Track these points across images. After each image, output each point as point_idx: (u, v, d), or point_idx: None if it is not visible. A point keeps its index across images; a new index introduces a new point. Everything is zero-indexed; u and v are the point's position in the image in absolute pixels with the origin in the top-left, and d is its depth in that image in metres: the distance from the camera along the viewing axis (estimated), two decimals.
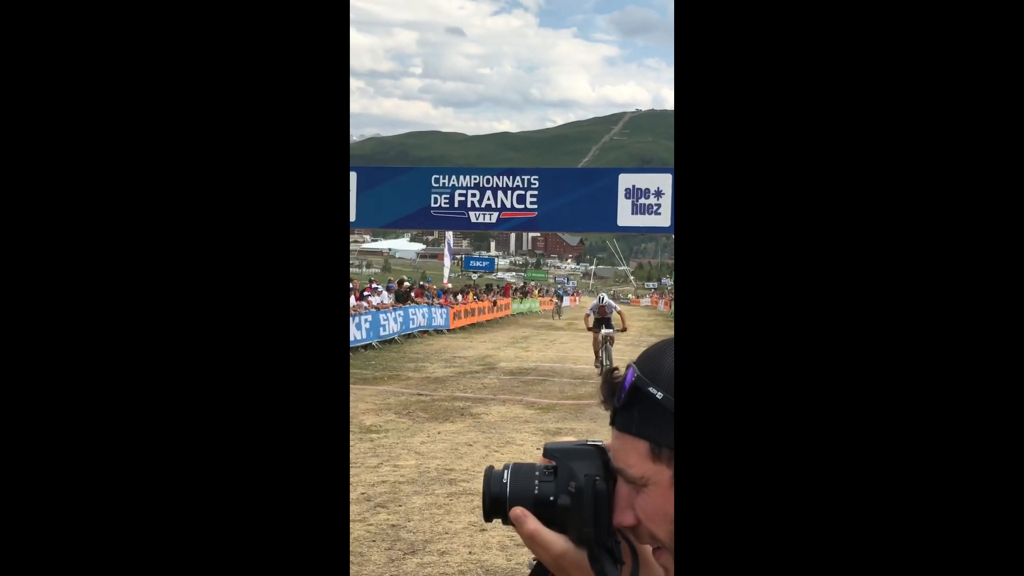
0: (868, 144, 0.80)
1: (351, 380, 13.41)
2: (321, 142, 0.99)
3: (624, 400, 0.88)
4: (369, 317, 19.28)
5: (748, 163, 0.82)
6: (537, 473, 0.93)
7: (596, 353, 15.33)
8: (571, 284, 79.94)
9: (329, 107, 0.99)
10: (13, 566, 0.88)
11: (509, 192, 11.94)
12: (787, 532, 0.76)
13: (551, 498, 0.92)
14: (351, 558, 5.15)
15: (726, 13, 0.83)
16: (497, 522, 0.95)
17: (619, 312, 15.18)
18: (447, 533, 5.76)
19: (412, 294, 25.44)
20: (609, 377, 0.92)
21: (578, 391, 13.54)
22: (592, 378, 14.71)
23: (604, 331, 14.92)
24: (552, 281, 70.95)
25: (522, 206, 11.91)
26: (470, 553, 5.37)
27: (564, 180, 12.29)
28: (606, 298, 15.56)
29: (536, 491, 0.92)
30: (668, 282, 75.60)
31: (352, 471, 7.38)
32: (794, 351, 0.78)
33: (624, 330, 15.09)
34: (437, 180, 12.25)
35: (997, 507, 0.74)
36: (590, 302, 23.30)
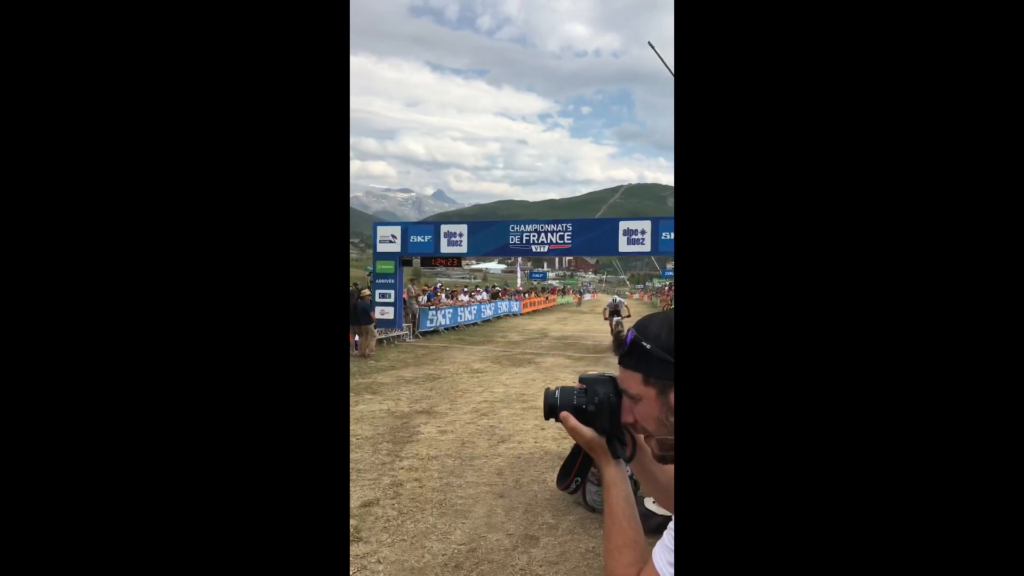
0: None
1: (467, 344, 13.48)
2: (325, 155, 0.68)
3: (627, 349, 0.87)
4: (475, 307, 19.47)
5: (725, 196, 0.62)
6: (575, 392, 0.92)
7: (611, 330, 14.99)
8: (591, 287, 79.41)
9: (332, 118, 0.68)
10: (13, 566, 0.58)
11: (554, 233, 11.87)
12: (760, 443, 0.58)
13: (584, 407, 0.90)
14: (467, 448, 5.18)
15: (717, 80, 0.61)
16: (552, 421, 0.94)
17: (625, 306, 14.90)
18: (522, 430, 5.73)
19: (499, 294, 25.50)
20: (618, 337, 0.91)
21: (598, 349, 13.26)
22: (605, 342, 14.43)
23: (616, 319, 14.66)
24: (579, 285, 70.18)
25: (562, 241, 11.83)
26: (536, 442, 5.33)
27: (586, 225, 12.13)
28: (618, 299, 15.24)
29: (575, 402, 0.91)
30: (649, 284, 73.80)
31: (466, 396, 7.41)
32: (761, 322, 0.60)
33: (628, 316, 14.72)
34: (512, 228, 12.25)
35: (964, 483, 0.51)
36: (605, 299, 22.80)
